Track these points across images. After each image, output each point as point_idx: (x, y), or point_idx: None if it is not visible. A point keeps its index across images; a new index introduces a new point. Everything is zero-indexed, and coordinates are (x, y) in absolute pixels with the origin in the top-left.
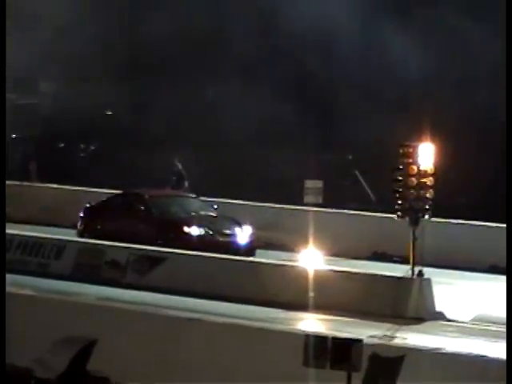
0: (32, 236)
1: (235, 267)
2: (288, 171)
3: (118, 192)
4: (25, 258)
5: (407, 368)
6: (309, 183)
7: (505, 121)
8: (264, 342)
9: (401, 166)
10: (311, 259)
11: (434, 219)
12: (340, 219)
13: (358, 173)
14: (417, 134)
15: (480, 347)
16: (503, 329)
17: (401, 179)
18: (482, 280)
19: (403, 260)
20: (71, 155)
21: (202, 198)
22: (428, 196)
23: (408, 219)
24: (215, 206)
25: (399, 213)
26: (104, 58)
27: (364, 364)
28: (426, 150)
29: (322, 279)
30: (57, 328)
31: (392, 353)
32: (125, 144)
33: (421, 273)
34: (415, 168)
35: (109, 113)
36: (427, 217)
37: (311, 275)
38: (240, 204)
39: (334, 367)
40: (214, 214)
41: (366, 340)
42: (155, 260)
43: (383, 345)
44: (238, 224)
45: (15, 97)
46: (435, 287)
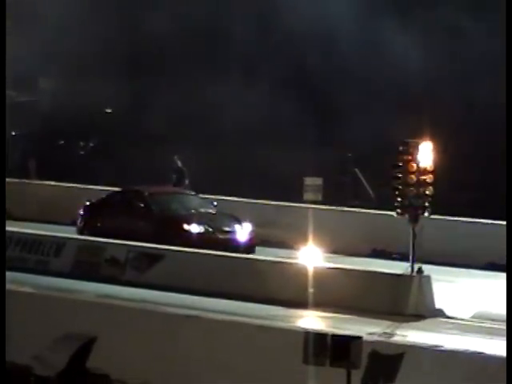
0: (31, 233)
1: (234, 264)
2: (288, 168)
3: (118, 189)
4: (24, 256)
5: (407, 365)
6: (308, 180)
7: (505, 120)
8: (263, 340)
9: (400, 164)
10: (311, 256)
11: (434, 216)
12: (339, 216)
13: (358, 170)
14: (416, 132)
15: (479, 344)
16: (503, 326)
17: (400, 176)
18: (481, 277)
19: (403, 257)
20: (71, 152)
21: (202, 196)
22: (427, 193)
23: (407, 216)
24: (215, 204)
25: (399, 210)
26: (104, 56)
27: (364, 361)
28: (426, 148)
29: (322, 276)
30: (56, 325)
31: (391, 350)
32: (124, 141)
33: (420, 270)
34: (415, 165)
35: (108, 110)
36: (427, 214)
37: (311, 272)
38: (239, 201)
39: (334, 364)
40: (214, 212)
41: (366, 337)
42: (154, 257)
43: (383, 342)
44: (238, 221)
45: (15, 94)
46: (435, 284)
